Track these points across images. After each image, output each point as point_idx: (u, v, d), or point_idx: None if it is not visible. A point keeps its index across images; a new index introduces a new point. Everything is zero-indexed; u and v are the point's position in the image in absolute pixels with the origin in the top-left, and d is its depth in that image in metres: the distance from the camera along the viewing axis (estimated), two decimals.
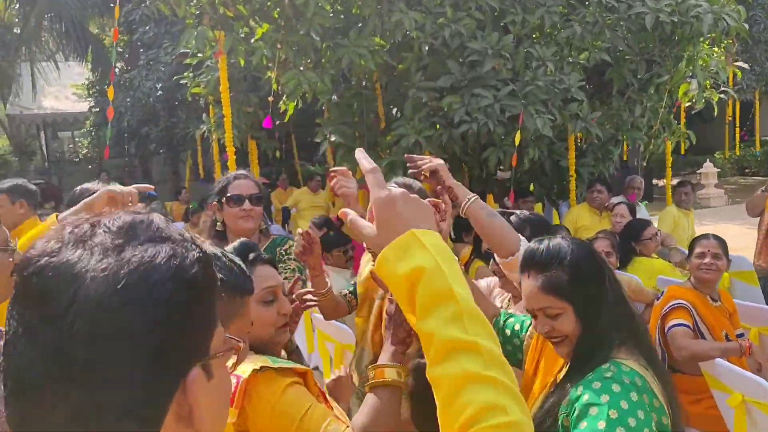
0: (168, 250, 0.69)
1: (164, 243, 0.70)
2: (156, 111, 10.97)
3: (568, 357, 1.77)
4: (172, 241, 0.71)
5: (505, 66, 5.39)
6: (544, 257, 1.75)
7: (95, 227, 0.70)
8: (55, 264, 0.66)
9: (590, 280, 1.73)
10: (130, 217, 0.72)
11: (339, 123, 6.14)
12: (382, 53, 5.57)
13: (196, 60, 6.56)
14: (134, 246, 0.68)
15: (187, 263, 0.70)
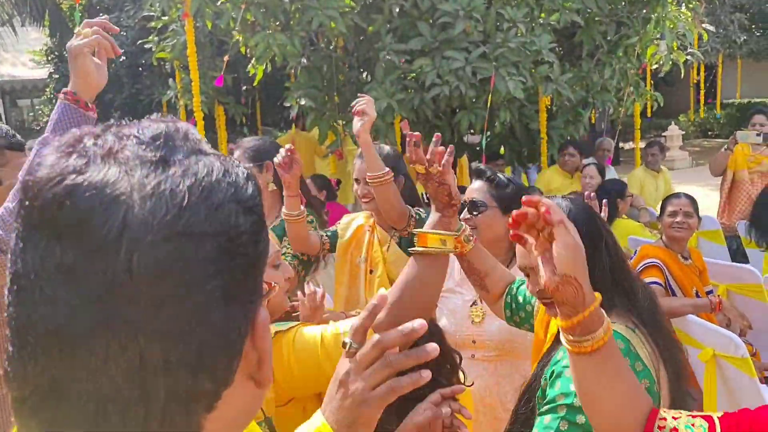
0: (219, 166, 0.58)
1: (210, 156, 0.58)
2: (119, 77, 10.69)
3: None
4: (215, 155, 0.59)
5: (476, 28, 5.34)
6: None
7: (122, 138, 0.56)
8: (90, 184, 0.52)
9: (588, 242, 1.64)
10: (160, 123, 0.59)
11: (308, 87, 6.05)
12: (352, 15, 5.49)
13: (161, 23, 6.39)
14: (180, 160, 0.56)
15: (241, 182, 0.59)
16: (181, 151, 0.57)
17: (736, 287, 3.83)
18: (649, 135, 17.10)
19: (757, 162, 5.32)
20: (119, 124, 0.60)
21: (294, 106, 6.21)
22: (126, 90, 10.67)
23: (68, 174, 0.53)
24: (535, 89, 5.92)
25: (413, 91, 5.48)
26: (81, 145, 0.55)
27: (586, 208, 1.79)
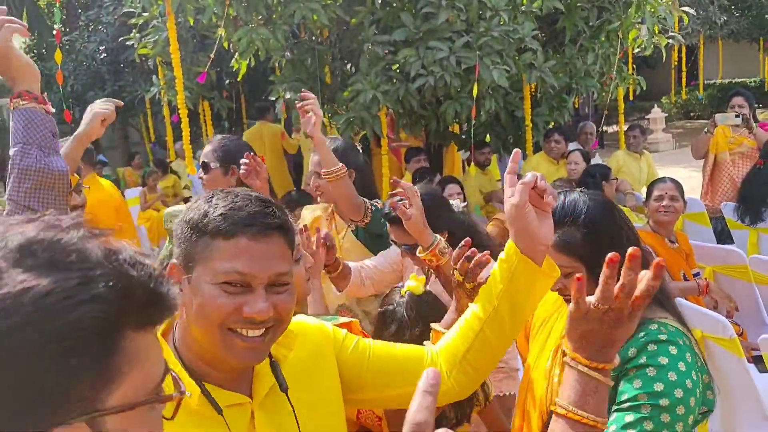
0: (50, 285, 0.58)
1: (56, 272, 0.59)
2: (101, 74, 10.60)
3: None
4: (72, 267, 0.60)
5: (459, 17, 5.35)
6: (558, 214, 1.67)
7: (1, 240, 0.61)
8: None
9: (606, 238, 1.65)
10: (36, 233, 0.62)
11: (293, 80, 6.04)
12: (334, 7, 5.48)
13: (142, 20, 6.34)
14: (17, 272, 0.58)
15: (70, 303, 0.58)
16: (27, 263, 0.59)
17: (722, 269, 3.89)
18: (633, 118, 17.19)
19: (738, 143, 5.38)
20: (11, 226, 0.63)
21: (279, 99, 6.21)
22: (108, 87, 10.58)
23: None
24: (519, 77, 5.93)
25: (398, 82, 5.49)
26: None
27: (604, 203, 1.75)
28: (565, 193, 1.75)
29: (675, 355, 1.53)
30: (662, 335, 1.57)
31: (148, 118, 9.20)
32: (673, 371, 1.50)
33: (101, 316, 0.60)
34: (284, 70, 6.19)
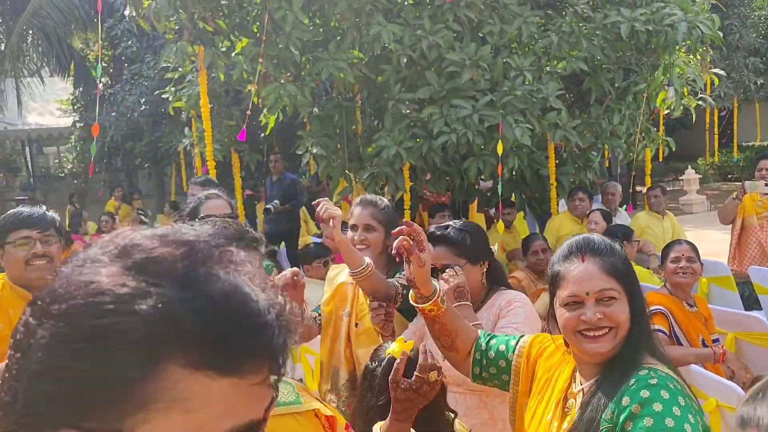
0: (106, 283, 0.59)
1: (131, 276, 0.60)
2: (140, 125, 10.96)
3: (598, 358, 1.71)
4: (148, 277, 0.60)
5: (483, 76, 5.44)
6: (601, 244, 1.75)
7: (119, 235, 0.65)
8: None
9: (636, 280, 1.77)
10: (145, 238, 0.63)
11: (320, 135, 6.17)
12: (360, 66, 5.61)
13: (177, 74, 6.58)
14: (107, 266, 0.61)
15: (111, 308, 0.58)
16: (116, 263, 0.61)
17: (743, 335, 3.79)
18: (667, 179, 17.04)
19: (766, 207, 5.30)
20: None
21: (306, 153, 6.34)
22: (146, 138, 10.93)
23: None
24: (543, 135, 5.97)
25: (422, 139, 5.57)
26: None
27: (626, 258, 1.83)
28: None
29: (668, 399, 1.52)
30: (653, 380, 1.57)
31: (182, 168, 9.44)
32: (670, 417, 1.49)
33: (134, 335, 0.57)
34: (312, 125, 6.33)
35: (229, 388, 0.59)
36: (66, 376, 0.56)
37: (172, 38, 5.61)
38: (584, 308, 1.68)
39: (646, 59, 6.26)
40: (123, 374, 0.56)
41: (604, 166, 9.29)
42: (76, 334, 0.56)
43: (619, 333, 1.67)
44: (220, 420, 0.60)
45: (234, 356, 0.59)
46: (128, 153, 11.87)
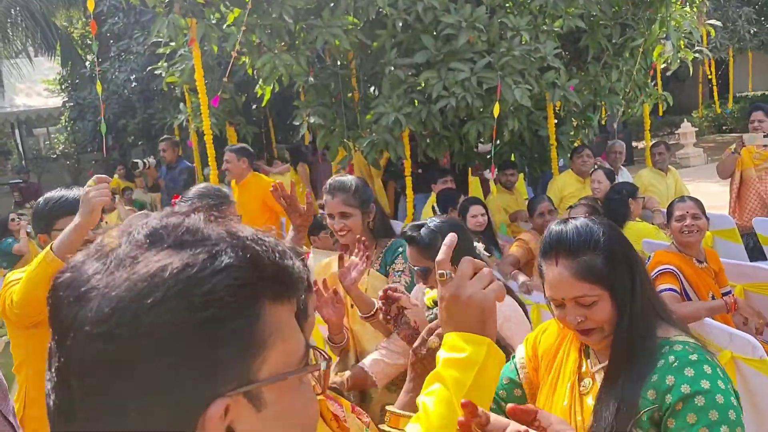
0: (184, 259, 0.60)
1: (185, 249, 0.61)
2: (132, 103, 10.84)
3: (598, 346, 1.67)
4: (200, 244, 0.62)
5: (480, 38, 5.36)
6: (576, 240, 1.60)
7: (123, 236, 0.63)
8: (67, 281, 0.61)
9: (624, 261, 1.61)
10: (160, 220, 0.64)
11: (316, 104, 6.11)
12: (356, 32, 5.53)
13: (169, 49, 6.48)
14: (149, 256, 0.60)
15: (205, 274, 0.59)
16: (160, 246, 0.61)
17: (752, 286, 3.79)
18: (663, 133, 17.00)
19: (764, 158, 5.28)
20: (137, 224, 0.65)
21: (303, 123, 6.28)
22: (139, 115, 10.81)
23: (66, 271, 0.62)
24: (542, 96, 5.92)
25: (420, 104, 5.51)
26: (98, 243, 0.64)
27: (614, 226, 1.70)
28: (573, 218, 1.69)
29: (711, 374, 1.48)
30: (692, 355, 1.52)
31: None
32: (719, 393, 1.45)
33: (236, 284, 0.60)
34: (308, 94, 6.26)
35: (290, 314, 0.67)
36: (199, 353, 0.58)
37: (162, 12, 5.50)
38: (566, 309, 1.62)
39: (642, 13, 6.20)
40: (242, 323, 0.61)
41: (601, 123, 9.25)
42: (191, 312, 0.58)
43: (607, 328, 1.61)
44: (298, 340, 0.67)
45: (294, 285, 0.67)
46: (120, 130, 11.75)
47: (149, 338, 0.57)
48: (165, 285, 0.58)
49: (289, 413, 0.65)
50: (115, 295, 0.58)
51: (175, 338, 0.57)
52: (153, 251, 0.60)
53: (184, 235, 0.62)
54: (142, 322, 0.57)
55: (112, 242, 0.63)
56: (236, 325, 0.60)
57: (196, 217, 0.65)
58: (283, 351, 0.64)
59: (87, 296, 0.58)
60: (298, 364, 0.66)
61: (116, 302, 0.57)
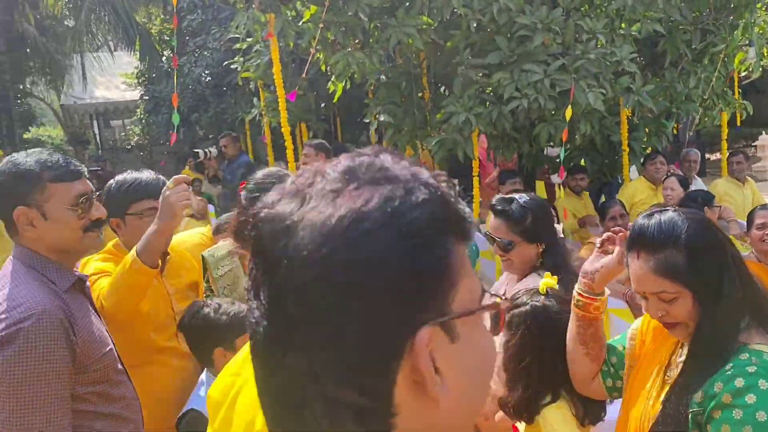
0: (385, 193, 0.62)
1: (384, 185, 0.63)
2: (205, 97, 11.13)
3: (685, 340, 1.64)
4: (394, 181, 0.64)
5: (555, 40, 5.32)
6: (657, 236, 1.58)
7: (317, 175, 0.66)
8: (269, 216, 0.64)
9: (710, 259, 1.56)
10: (352, 160, 0.66)
11: (387, 102, 6.16)
12: (429, 31, 5.57)
13: (246, 45, 6.65)
14: (350, 191, 0.63)
15: (406, 207, 0.62)
16: (356, 182, 0.63)
17: None
18: (738, 145, 16.42)
19: None
20: (325, 165, 0.67)
21: (373, 122, 6.35)
22: (211, 109, 11.08)
23: (263, 209, 0.65)
24: (615, 100, 5.83)
25: (491, 105, 5.50)
26: (287, 183, 0.67)
27: (703, 220, 1.64)
28: (660, 211, 1.65)
29: (765, 391, 1.41)
30: (751, 367, 1.45)
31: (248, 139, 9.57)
32: (763, 410, 1.38)
33: (433, 218, 0.63)
34: (379, 92, 6.32)
35: (466, 254, 0.69)
36: (406, 281, 0.60)
37: (242, 7, 5.66)
38: (648, 303, 1.61)
39: (725, 19, 6.02)
40: (441, 255, 0.63)
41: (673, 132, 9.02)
42: (399, 241, 0.60)
43: (691, 324, 1.58)
44: (477, 281, 0.69)
45: (469, 228, 0.68)
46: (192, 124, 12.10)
47: (362, 265, 0.59)
48: (372, 216, 0.60)
49: (477, 349, 0.67)
50: (324, 224, 0.60)
51: (385, 265, 0.59)
52: (351, 186, 0.63)
53: (377, 173, 0.64)
54: (354, 249, 0.59)
55: (304, 181, 0.65)
56: (436, 257, 0.62)
57: (385, 156, 0.67)
58: (468, 288, 0.66)
59: (294, 228, 0.61)
60: (479, 303, 0.68)
61: (328, 231, 0.60)
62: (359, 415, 0.60)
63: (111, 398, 1.95)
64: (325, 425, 0.61)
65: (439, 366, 0.61)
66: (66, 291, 1.89)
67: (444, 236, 0.64)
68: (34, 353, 1.71)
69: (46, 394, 1.73)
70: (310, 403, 0.61)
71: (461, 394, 0.64)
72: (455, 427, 0.66)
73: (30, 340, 1.72)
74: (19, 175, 1.88)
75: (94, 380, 1.90)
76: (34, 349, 1.72)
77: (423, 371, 0.60)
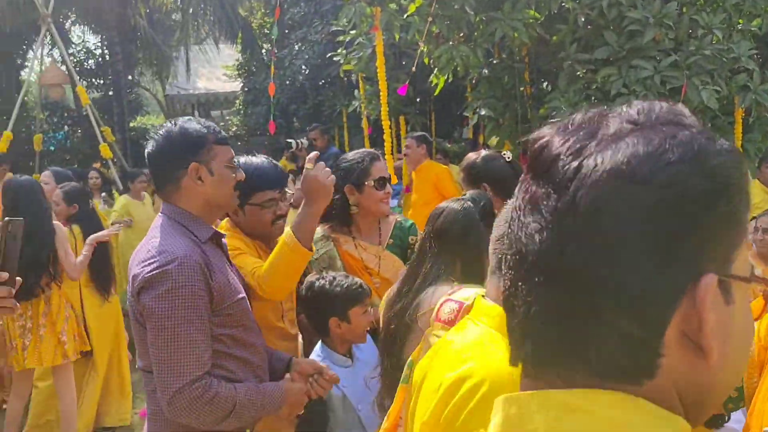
0: (687, 134, 0.60)
1: (683, 129, 0.61)
2: (304, 89, 11.38)
3: None
4: (692, 127, 0.62)
5: (667, 35, 5.14)
6: None
7: (608, 113, 0.65)
8: (559, 140, 0.63)
9: None
10: (647, 102, 0.65)
11: (488, 97, 6.13)
12: (535, 26, 5.49)
13: (349, 37, 6.76)
14: (650, 126, 0.61)
15: (714, 150, 0.60)
16: (656, 120, 0.62)
17: None
18: None
19: None
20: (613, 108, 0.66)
21: (472, 116, 6.33)
22: (309, 102, 11.32)
23: (547, 135, 0.64)
24: (730, 99, 5.57)
25: (597, 101, 5.37)
26: (571, 118, 0.66)
27: None
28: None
29: None
30: None
31: (345, 131, 9.72)
32: None
33: (737, 167, 0.60)
34: (480, 86, 6.29)
35: None
36: (700, 222, 0.58)
37: (349, 0, 5.75)
38: None
39: None
40: (738, 208, 0.61)
41: None
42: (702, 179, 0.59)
43: None
44: (747, 255, 0.65)
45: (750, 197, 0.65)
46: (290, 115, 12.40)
47: (660, 195, 0.58)
48: (678, 149, 0.59)
49: (744, 317, 0.64)
50: (626, 149, 0.59)
51: (683, 201, 0.58)
52: (650, 123, 0.62)
53: (675, 117, 0.63)
54: (654, 180, 0.58)
55: (591, 117, 0.65)
56: (734, 208, 0.60)
57: (680, 105, 0.65)
58: (744, 257, 0.63)
59: (589, 151, 0.60)
60: (746, 272, 0.63)
61: (631, 155, 0.58)
62: (631, 346, 0.59)
63: (243, 343, 2.11)
64: (593, 350, 0.59)
65: (709, 316, 0.59)
66: (204, 242, 2.09)
67: (740, 193, 0.61)
68: (179, 292, 1.91)
69: (190, 330, 1.92)
70: (581, 323, 0.59)
71: (727, 357, 0.61)
72: (713, 388, 0.63)
73: (175, 280, 1.92)
74: (190, 136, 2.11)
75: (229, 324, 2.07)
76: (179, 287, 1.92)
77: (701, 318, 0.58)
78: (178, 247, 1.98)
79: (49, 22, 9.96)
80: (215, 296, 2.01)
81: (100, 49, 18.02)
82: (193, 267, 1.95)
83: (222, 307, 2.04)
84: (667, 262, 0.58)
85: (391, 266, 2.89)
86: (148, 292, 1.93)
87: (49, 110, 16.27)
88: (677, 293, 0.59)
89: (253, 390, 2.04)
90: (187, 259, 1.95)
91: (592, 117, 0.64)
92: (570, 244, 0.59)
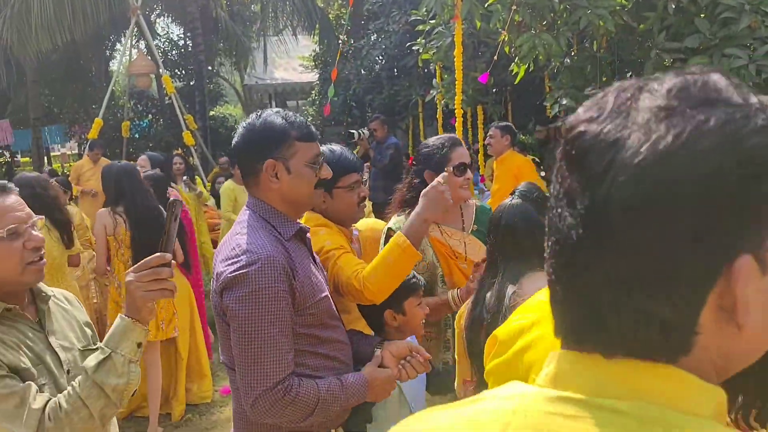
0: (722, 116, 0.60)
1: (719, 107, 0.61)
2: (380, 80, 11.42)
3: None
4: (729, 104, 0.61)
5: (764, 23, 4.91)
6: None
7: (641, 91, 0.64)
8: (591, 131, 0.63)
9: None
10: (681, 78, 0.64)
11: (570, 87, 6.00)
12: (622, 13, 5.34)
13: (429, 26, 6.74)
14: (684, 110, 0.61)
15: (747, 132, 0.60)
16: (690, 102, 0.61)
17: None
18: None
19: None
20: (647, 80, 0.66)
21: (552, 107, 6.21)
22: (385, 91, 11.35)
23: (581, 123, 0.65)
24: None
25: None
26: (603, 99, 0.66)
27: None
28: None
29: None
30: None
31: (420, 121, 9.71)
32: None
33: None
34: (562, 76, 6.17)
35: None
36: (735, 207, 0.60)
37: None
38: None
39: None
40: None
41: None
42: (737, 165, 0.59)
43: None
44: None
45: None
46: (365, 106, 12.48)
47: (696, 184, 0.58)
48: (711, 136, 0.59)
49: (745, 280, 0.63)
50: (657, 141, 0.60)
51: (718, 188, 0.59)
52: (684, 105, 0.61)
53: (711, 93, 0.62)
54: (690, 167, 0.58)
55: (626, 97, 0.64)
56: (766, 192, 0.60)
57: (717, 77, 0.65)
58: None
59: (623, 142, 0.61)
60: None
61: (663, 146, 0.59)
62: (666, 328, 0.61)
63: (323, 340, 2.09)
64: (628, 333, 0.62)
65: (746, 293, 0.61)
66: (288, 240, 2.06)
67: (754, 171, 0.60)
68: (262, 294, 1.90)
69: (273, 333, 1.91)
70: (616, 309, 0.62)
71: (762, 328, 0.63)
72: (745, 355, 0.66)
73: (258, 281, 1.90)
74: (271, 131, 2.06)
75: (312, 323, 2.05)
76: (262, 290, 1.90)
77: (737, 296, 0.60)
78: (262, 246, 1.95)
79: (138, 15, 10.34)
80: (297, 297, 1.98)
81: (183, 40, 18.59)
82: (276, 268, 1.92)
83: (304, 307, 2.01)
84: (703, 250, 0.60)
85: (477, 250, 2.89)
86: (231, 293, 1.92)
87: (134, 99, 16.90)
88: (714, 275, 0.61)
89: (335, 385, 2.01)
90: (270, 260, 1.92)
91: (624, 101, 0.64)
92: (605, 239, 0.61)
